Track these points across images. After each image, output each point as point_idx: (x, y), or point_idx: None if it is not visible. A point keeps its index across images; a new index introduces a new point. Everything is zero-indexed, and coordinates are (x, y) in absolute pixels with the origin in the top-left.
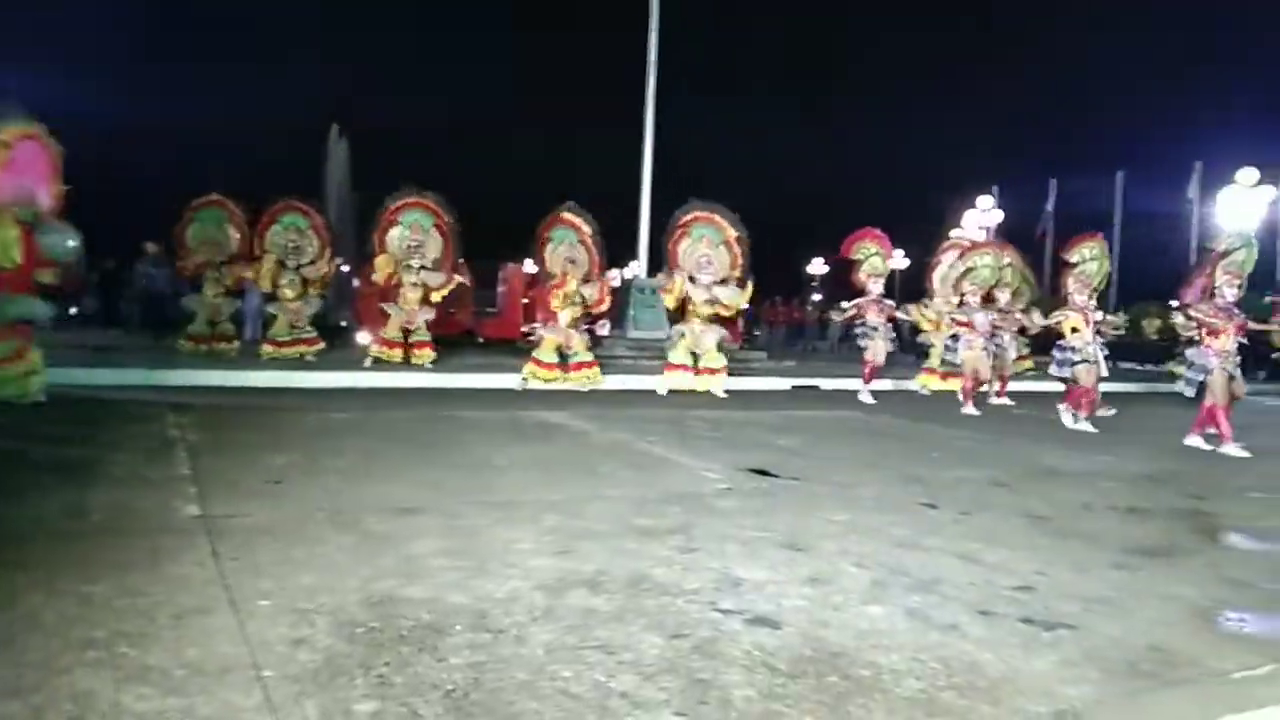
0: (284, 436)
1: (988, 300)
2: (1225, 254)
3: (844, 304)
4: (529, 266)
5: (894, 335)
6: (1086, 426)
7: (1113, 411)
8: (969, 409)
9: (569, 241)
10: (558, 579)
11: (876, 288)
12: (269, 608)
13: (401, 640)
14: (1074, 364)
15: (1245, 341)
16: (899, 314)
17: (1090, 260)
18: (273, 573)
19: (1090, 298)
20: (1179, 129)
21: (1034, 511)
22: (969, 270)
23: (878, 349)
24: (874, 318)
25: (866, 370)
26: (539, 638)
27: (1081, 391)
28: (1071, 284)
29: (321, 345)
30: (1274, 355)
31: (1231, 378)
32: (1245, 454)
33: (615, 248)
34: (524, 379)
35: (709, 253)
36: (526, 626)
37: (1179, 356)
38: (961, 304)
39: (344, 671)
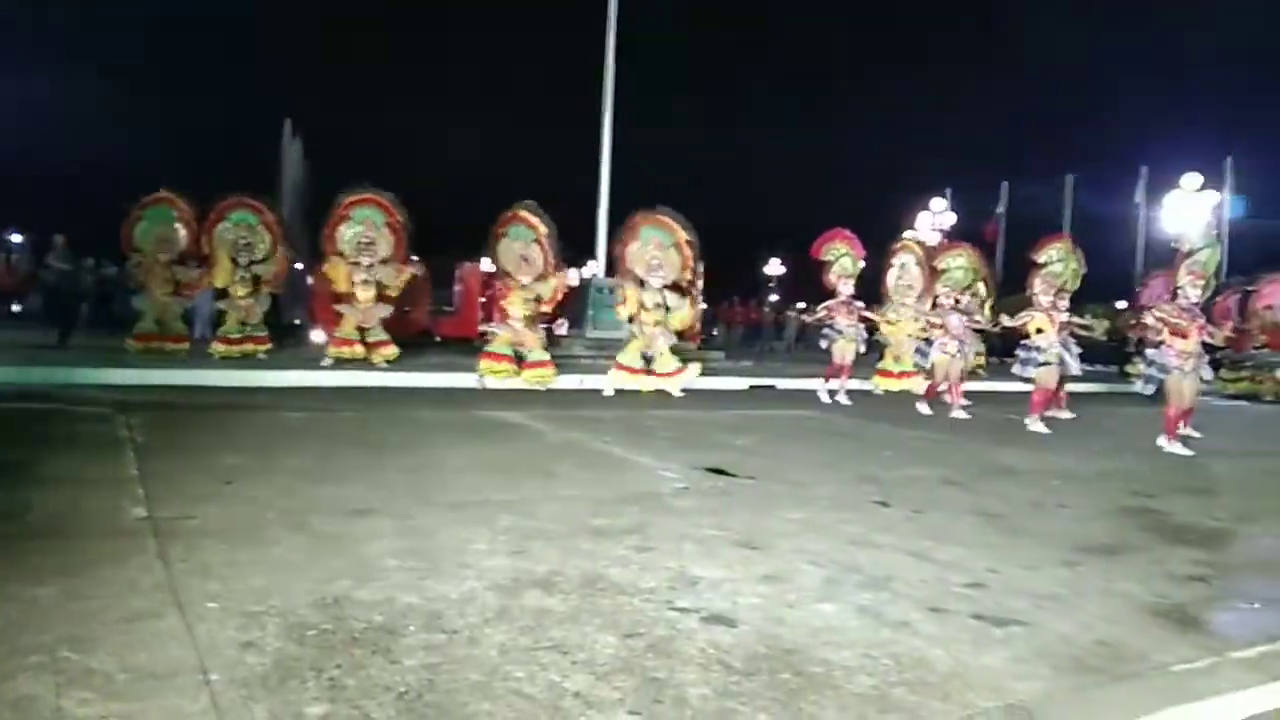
0: (235, 437)
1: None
2: (1189, 254)
3: (799, 305)
4: (486, 265)
5: (864, 336)
6: (1040, 427)
7: (1072, 416)
8: (923, 407)
9: (524, 240)
10: (512, 579)
11: (846, 289)
12: (217, 610)
13: (354, 642)
14: (1037, 365)
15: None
16: (870, 315)
17: (1057, 261)
18: (222, 575)
19: (1058, 298)
20: (1127, 134)
21: (986, 509)
22: (942, 272)
23: (846, 350)
24: (843, 320)
25: (830, 370)
26: (493, 638)
27: (1043, 392)
28: (1038, 285)
29: (270, 345)
30: (1218, 355)
31: (1194, 378)
32: (1188, 452)
33: (573, 247)
34: (480, 376)
35: (659, 255)
36: (480, 627)
37: (1139, 356)
38: (934, 306)
39: (294, 674)
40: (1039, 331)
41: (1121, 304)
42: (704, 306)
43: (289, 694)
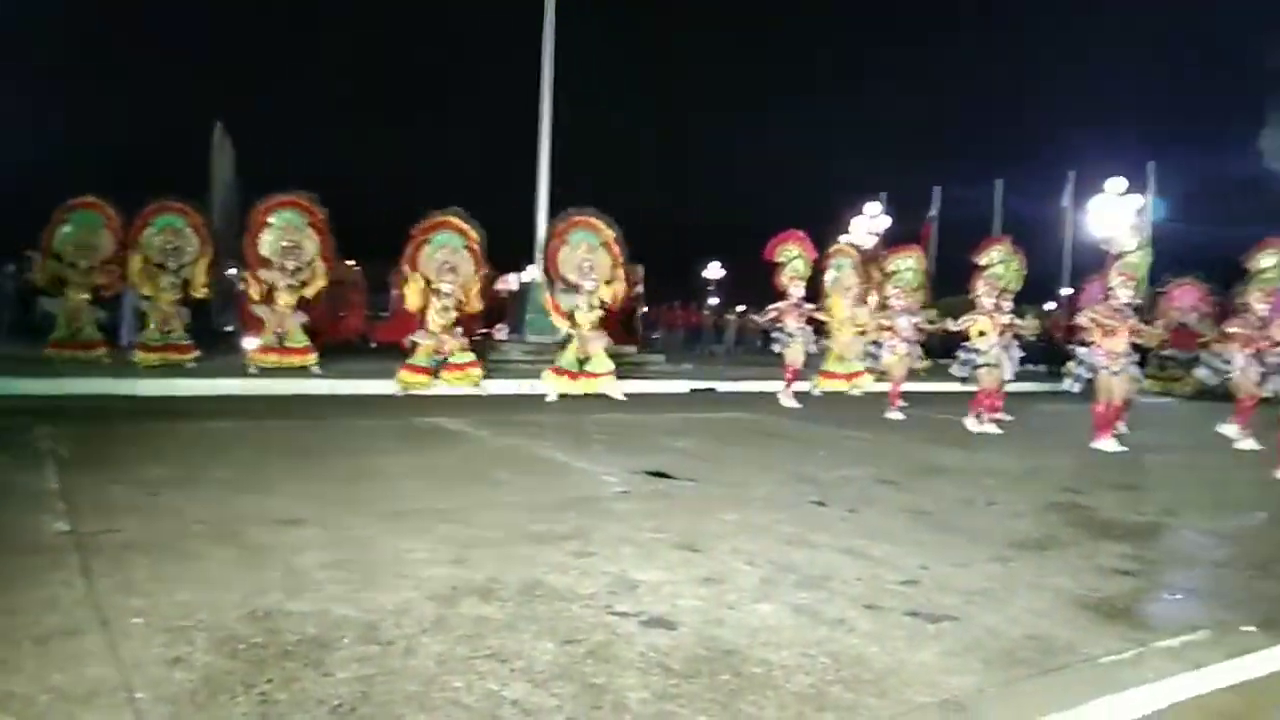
0: (161, 448)
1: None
2: (1119, 256)
3: (739, 308)
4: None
5: (813, 338)
6: (991, 429)
7: (1008, 417)
8: (895, 413)
9: (452, 245)
10: (450, 588)
11: (798, 291)
12: (143, 627)
13: (285, 655)
14: (976, 366)
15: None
16: (819, 315)
17: (999, 263)
18: (147, 590)
19: (1001, 300)
20: (1055, 139)
21: (919, 507)
22: (892, 274)
23: (796, 353)
24: (793, 322)
25: (788, 375)
26: (430, 648)
27: (985, 394)
28: (981, 287)
29: (195, 354)
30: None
31: (1124, 376)
32: (1121, 448)
33: (511, 252)
34: (400, 385)
35: (589, 257)
36: (417, 637)
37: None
38: (884, 307)
39: (224, 689)
40: (981, 334)
41: (1050, 305)
42: (644, 310)
43: (218, 710)
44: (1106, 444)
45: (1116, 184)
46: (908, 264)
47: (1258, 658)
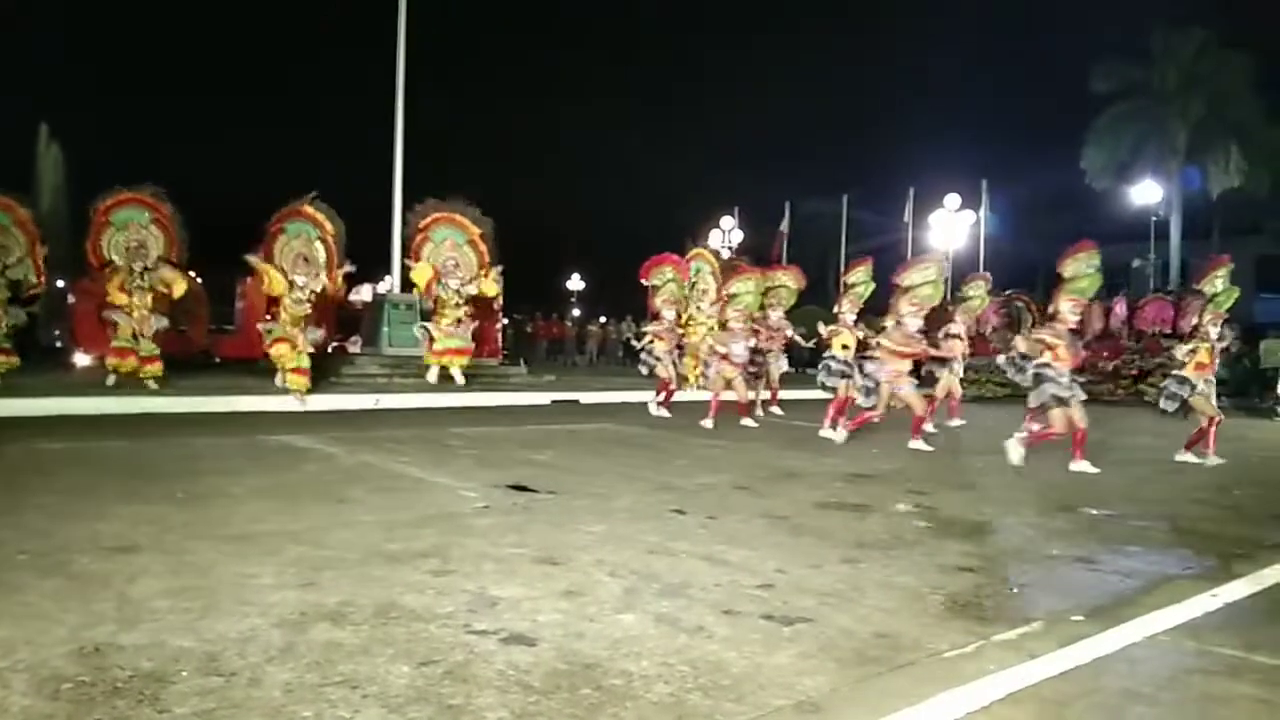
0: None
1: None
2: (908, 289)
3: (601, 319)
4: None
5: (679, 356)
6: (843, 435)
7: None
8: (707, 422)
9: (307, 235)
10: (299, 614)
11: (670, 314)
12: None
13: (116, 693)
14: (842, 376)
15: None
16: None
17: (863, 282)
18: None
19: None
20: (897, 156)
21: (774, 512)
22: (733, 297)
23: (669, 370)
24: (661, 347)
25: (661, 387)
26: (277, 677)
27: (842, 402)
28: (846, 304)
29: (17, 361)
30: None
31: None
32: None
33: (368, 262)
34: (297, 394)
35: (454, 255)
36: (263, 666)
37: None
38: (724, 327)
39: None
40: (844, 347)
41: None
42: (505, 322)
43: None
44: (919, 444)
45: (952, 200)
46: (746, 287)
47: (1085, 645)
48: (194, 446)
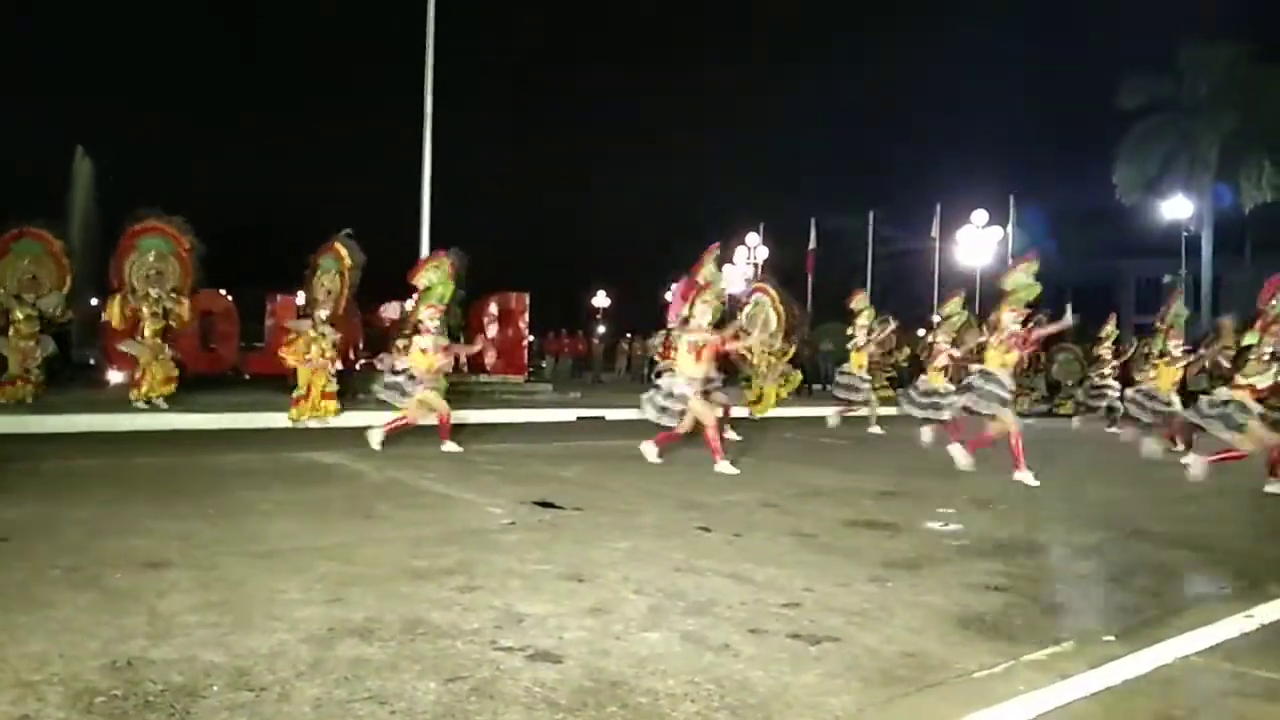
0: (14, 488)
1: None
2: (1011, 292)
3: (628, 335)
4: (300, 298)
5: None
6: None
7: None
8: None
9: (331, 271)
10: (327, 629)
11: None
12: None
13: (148, 707)
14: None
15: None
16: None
17: (866, 309)
18: None
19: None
20: (923, 172)
21: (800, 530)
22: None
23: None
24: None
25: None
26: (306, 693)
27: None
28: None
29: (40, 389)
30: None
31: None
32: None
33: (397, 279)
34: (298, 420)
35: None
36: (292, 682)
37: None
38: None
39: None
40: (860, 365)
41: (921, 332)
42: (530, 339)
43: None
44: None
45: (979, 216)
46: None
47: (1116, 666)
48: (222, 464)
